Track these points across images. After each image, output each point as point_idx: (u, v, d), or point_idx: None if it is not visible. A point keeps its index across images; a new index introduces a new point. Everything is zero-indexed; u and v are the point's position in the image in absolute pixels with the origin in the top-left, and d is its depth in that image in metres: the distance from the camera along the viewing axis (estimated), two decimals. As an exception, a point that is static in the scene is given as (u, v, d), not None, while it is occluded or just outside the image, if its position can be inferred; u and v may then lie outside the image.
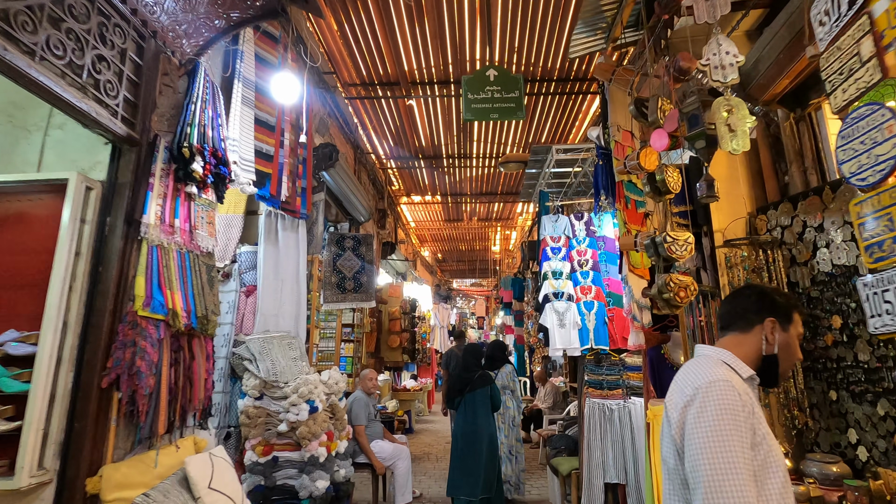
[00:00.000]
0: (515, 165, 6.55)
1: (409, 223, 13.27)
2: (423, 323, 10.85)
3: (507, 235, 16.30)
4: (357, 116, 7.11)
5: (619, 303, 4.05)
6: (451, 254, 18.82)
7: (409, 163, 9.05)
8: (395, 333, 8.36)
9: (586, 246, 4.23)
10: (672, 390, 1.28)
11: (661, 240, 2.04)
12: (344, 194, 5.81)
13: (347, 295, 6.16)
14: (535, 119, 7.18)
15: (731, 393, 1.13)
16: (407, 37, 5.58)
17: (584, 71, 6.13)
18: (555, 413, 6.74)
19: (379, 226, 8.47)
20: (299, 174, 4.20)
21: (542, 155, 5.13)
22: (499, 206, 12.18)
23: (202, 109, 2.55)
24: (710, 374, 1.19)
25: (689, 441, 1.13)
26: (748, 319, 1.32)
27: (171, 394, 2.25)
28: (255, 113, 3.41)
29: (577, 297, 4.08)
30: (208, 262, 2.62)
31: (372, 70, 6.18)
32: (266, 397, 3.63)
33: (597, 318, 3.97)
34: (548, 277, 4.13)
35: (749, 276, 2.70)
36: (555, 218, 4.36)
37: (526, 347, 10.25)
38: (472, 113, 3.71)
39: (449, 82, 6.39)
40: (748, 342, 1.31)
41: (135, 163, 2.32)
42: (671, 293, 2.00)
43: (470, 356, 4.42)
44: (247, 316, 3.95)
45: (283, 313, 4.13)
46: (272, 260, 4.13)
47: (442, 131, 7.76)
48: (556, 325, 3.96)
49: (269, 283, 4.05)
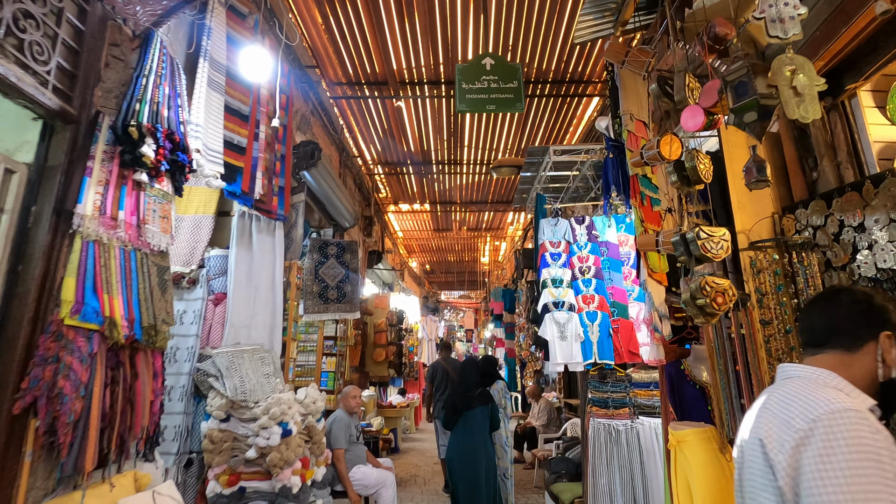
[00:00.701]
0: (508, 170, 6.27)
1: (396, 233, 12.92)
2: (411, 336, 10.44)
3: (496, 246, 16.02)
4: (343, 118, 6.79)
5: (624, 313, 3.74)
6: (439, 265, 18.47)
7: (397, 168, 8.73)
8: (381, 346, 7.95)
9: (588, 252, 3.93)
10: (765, 424, 0.94)
11: (694, 236, 1.73)
12: (327, 197, 5.45)
13: (330, 305, 5.77)
14: (529, 123, 6.93)
15: (867, 427, 0.81)
16: (396, 32, 5.30)
17: (580, 73, 5.91)
18: (549, 431, 6.37)
19: (365, 233, 8.11)
20: (276, 171, 3.85)
21: (537, 157, 4.84)
22: (489, 215, 11.91)
23: (156, 85, 2.19)
24: (829, 401, 0.86)
25: (812, 494, 0.80)
26: (856, 335, 1.00)
27: (106, 420, 1.85)
28: (226, 99, 3.07)
29: (579, 307, 3.76)
30: (160, 263, 2.24)
31: (359, 68, 5.87)
32: (233, 419, 3.22)
33: (600, 329, 3.65)
34: (547, 286, 3.81)
35: (780, 281, 2.40)
36: (554, 221, 4.05)
37: (517, 361, 9.89)
38: (467, 104, 3.41)
39: (440, 83, 6.11)
40: (857, 363, 0.98)
41: (70, 143, 1.95)
42: (707, 299, 1.68)
43: (471, 372, 4.06)
44: (214, 327, 3.54)
45: (256, 324, 3.74)
46: (245, 265, 3.75)
47: (432, 135, 7.47)
48: (556, 338, 3.63)
49: (240, 291, 3.66)
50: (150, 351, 2.11)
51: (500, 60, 3.57)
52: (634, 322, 3.72)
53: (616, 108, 2.68)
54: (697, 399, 2.40)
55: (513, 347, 10.24)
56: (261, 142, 3.48)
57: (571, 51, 5.63)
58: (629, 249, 3.97)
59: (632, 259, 3.95)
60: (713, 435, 2.17)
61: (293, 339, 4.11)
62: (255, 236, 3.85)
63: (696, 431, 2.16)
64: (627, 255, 3.94)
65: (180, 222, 3.83)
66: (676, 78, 1.87)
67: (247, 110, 3.29)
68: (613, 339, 3.65)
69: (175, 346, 3.44)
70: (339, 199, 5.78)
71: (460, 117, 6.89)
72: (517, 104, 3.51)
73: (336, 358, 5.84)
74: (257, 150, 3.43)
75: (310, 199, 5.35)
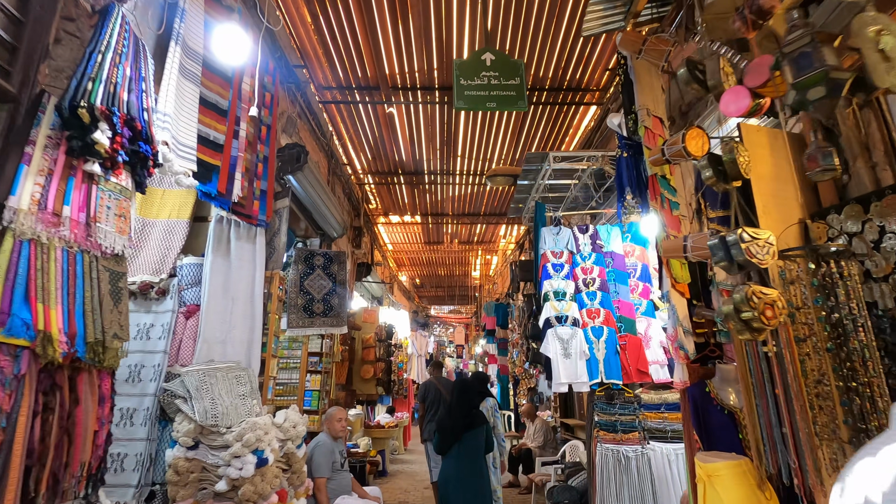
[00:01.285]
0: (503, 179, 6.05)
1: (386, 245, 12.63)
2: (400, 352, 10.08)
3: (487, 260, 15.79)
4: (332, 123, 6.55)
5: (632, 329, 3.49)
6: (429, 279, 18.17)
7: (388, 178, 8.48)
8: (369, 363, 7.60)
9: (592, 263, 3.69)
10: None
11: (737, 239, 1.49)
12: (314, 205, 5.17)
13: (315, 319, 5.45)
14: (525, 131, 6.75)
15: None
16: (389, 34, 5.09)
17: (578, 80, 5.75)
18: (546, 453, 6.05)
19: (354, 245, 7.81)
20: (258, 174, 3.57)
21: (536, 164, 4.63)
22: (481, 228, 11.68)
23: (115, 64, 1.91)
24: None
25: None
26: None
27: (34, 457, 1.53)
28: (202, 91, 2.79)
29: (584, 321, 3.50)
30: (114, 268, 1.93)
31: (350, 71, 5.65)
32: (202, 446, 2.87)
33: (607, 346, 3.38)
34: (549, 299, 3.55)
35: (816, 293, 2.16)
36: (556, 230, 3.81)
37: (510, 378, 9.57)
38: (466, 101, 3.18)
39: (433, 88, 5.91)
40: None
41: (5, 124, 1.66)
42: (754, 311, 1.43)
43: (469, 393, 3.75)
44: (185, 342, 3.21)
45: (233, 339, 3.41)
46: (221, 274, 3.43)
47: (424, 144, 7.25)
48: (559, 355, 3.35)
49: (215, 303, 3.34)
50: (96, 371, 1.79)
51: (501, 56, 3.35)
52: (643, 338, 3.47)
53: (630, 104, 2.46)
54: (726, 426, 2.13)
55: (505, 364, 9.93)
56: (241, 140, 3.20)
57: (569, 57, 5.48)
58: (635, 260, 3.74)
59: (638, 271, 3.71)
60: (749, 468, 1.90)
61: (273, 355, 3.78)
62: (234, 243, 3.55)
63: (730, 465, 1.89)
64: (634, 266, 3.71)
65: (151, 227, 3.52)
66: (709, 62, 1.65)
67: (225, 105, 3.01)
68: (621, 357, 3.39)
69: (140, 364, 3.11)
70: (327, 206, 5.49)
71: (454, 126, 6.69)
72: (519, 102, 3.29)
73: (321, 375, 5.49)
74: (237, 149, 3.15)
75: (295, 206, 5.07)
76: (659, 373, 3.37)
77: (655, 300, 3.59)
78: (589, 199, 4.81)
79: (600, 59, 5.29)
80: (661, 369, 3.38)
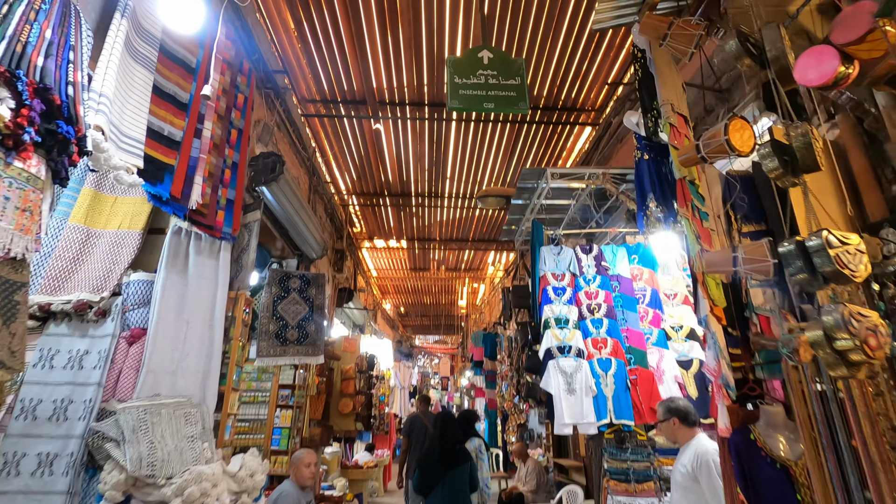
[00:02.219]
0: (495, 201, 5.74)
1: (370, 271, 12.17)
2: (382, 384, 9.50)
3: (475, 289, 15.38)
4: (315, 139, 6.21)
5: (643, 361, 3.10)
6: (414, 307, 17.64)
7: (374, 200, 8.13)
8: (349, 396, 7.04)
9: (597, 286, 3.32)
10: None
11: (823, 244, 1.13)
12: (291, 222, 4.76)
13: (289, 348, 4.95)
14: (517, 153, 6.50)
15: None
16: (377, 44, 4.83)
17: (573, 99, 5.55)
18: (540, 498, 5.52)
19: (335, 268, 7.37)
20: (225, 181, 3.17)
21: (532, 181, 4.31)
22: (469, 254, 11.33)
23: (27, 19, 1.53)
24: None
25: None
26: None
27: None
28: (156, 79, 2.42)
29: (589, 352, 3.10)
30: (9, 277, 1.50)
31: (335, 84, 5.35)
32: (135, 501, 2.36)
33: (616, 381, 2.98)
34: (550, 326, 3.15)
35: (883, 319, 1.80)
36: (557, 250, 3.46)
37: (499, 413, 9.03)
38: (461, 101, 2.85)
39: (423, 104, 5.64)
40: None
41: None
42: (855, 340, 1.06)
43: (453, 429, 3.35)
44: (126, 373, 2.73)
45: (185, 369, 2.93)
46: (176, 293, 2.98)
47: (412, 164, 6.94)
48: (562, 391, 2.94)
49: (166, 327, 2.87)
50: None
51: (500, 54, 3.06)
52: (655, 372, 3.08)
53: (650, 100, 2.16)
54: (779, 483, 1.73)
55: (494, 398, 9.39)
56: (204, 141, 2.82)
57: (565, 75, 5.28)
58: (644, 285, 3.38)
59: (647, 296, 3.35)
60: (819, 542, 1.49)
61: (235, 388, 3.29)
62: (193, 258, 3.11)
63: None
64: (642, 291, 3.35)
65: (97, 239, 3.07)
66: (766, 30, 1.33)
67: (185, 98, 2.64)
68: (632, 393, 2.99)
69: (68, 399, 2.61)
70: (306, 225, 5.09)
71: (443, 145, 6.42)
72: (521, 104, 2.98)
73: (292, 411, 4.94)
74: (198, 150, 2.76)
75: (270, 222, 4.65)
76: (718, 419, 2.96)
77: (667, 329, 3.23)
78: (588, 220, 4.50)
79: (597, 77, 5.10)
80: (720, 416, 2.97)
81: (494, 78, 2.93)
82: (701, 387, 3.05)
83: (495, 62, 2.97)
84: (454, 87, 2.88)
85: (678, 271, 3.42)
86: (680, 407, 2.44)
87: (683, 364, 3.11)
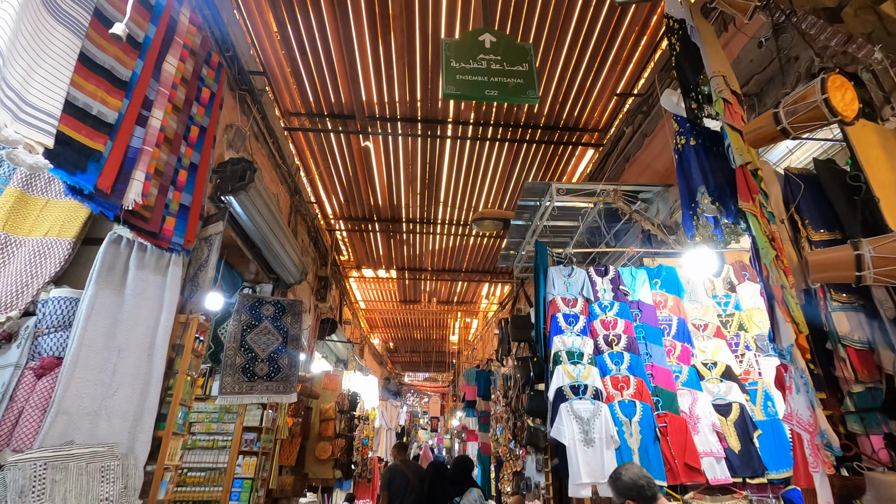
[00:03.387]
0: (492, 224, 5.30)
1: (357, 302, 11.58)
2: (366, 425, 8.75)
3: (467, 324, 14.76)
4: (300, 156, 5.80)
5: (672, 405, 2.57)
6: (404, 342, 16.91)
7: (363, 225, 7.67)
8: (327, 440, 6.33)
9: (615, 314, 2.82)
10: None
11: None
12: (266, 241, 4.26)
13: (257, 384, 4.36)
14: (514, 176, 6.12)
15: None
16: (367, 52, 4.49)
17: (575, 118, 5.22)
18: (541, 563, 4.80)
19: (318, 297, 6.81)
20: (179, 183, 2.70)
21: (535, 199, 3.89)
22: (462, 286, 10.81)
23: None
24: None
25: None
26: None
27: None
28: (85, 46, 1.98)
29: (608, 393, 2.57)
30: None
31: (321, 95, 4.98)
32: None
33: (642, 429, 2.45)
34: (561, 361, 2.63)
35: None
36: (567, 271, 2.97)
37: (493, 459, 8.28)
38: (458, 87, 2.42)
39: (416, 120, 5.28)
40: None
41: None
42: None
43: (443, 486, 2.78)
44: (28, 414, 2.16)
45: (112, 410, 2.36)
46: (107, 315, 2.45)
47: (403, 186, 6.53)
48: (578, 442, 2.39)
49: (90, 356, 2.33)
50: None
51: (504, 38, 2.67)
52: (688, 418, 2.55)
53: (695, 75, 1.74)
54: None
55: (487, 442, 8.65)
56: (151, 131, 2.36)
57: (567, 94, 4.97)
58: (669, 313, 2.90)
59: (673, 327, 2.86)
60: None
61: (177, 432, 2.69)
62: (134, 273, 2.59)
63: None
64: (668, 320, 2.86)
65: (17, 247, 2.55)
66: None
67: (126, 75, 2.19)
68: (662, 445, 2.44)
69: (-55, 448, 2.02)
70: (283, 245, 4.58)
71: (437, 165, 6.03)
72: (529, 92, 2.56)
73: (257, 458, 4.28)
74: (141, 140, 2.29)
75: (241, 240, 4.15)
76: (715, 469, 2.42)
77: (698, 366, 2.72)
78: (596, 245, 4.05)
79: (603, 90, 4.77)
80: (716, 464, 2.43)
81: (498, 63, 2.53)
82: (744, 438, 2.52)
83: (499, 46, 2.58)
84: (451, 71, 2.46)
85: (707, 298, 2.95)
86: (628, 483, 1.90)
87: (720, 409, 2.59)
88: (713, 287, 3.01)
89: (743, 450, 2.51)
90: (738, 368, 2.74)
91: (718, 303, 2.96)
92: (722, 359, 2.75)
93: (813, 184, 1.86)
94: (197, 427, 4.25)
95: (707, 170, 1.78)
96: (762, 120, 1.34)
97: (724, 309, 2.92)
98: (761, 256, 1.36)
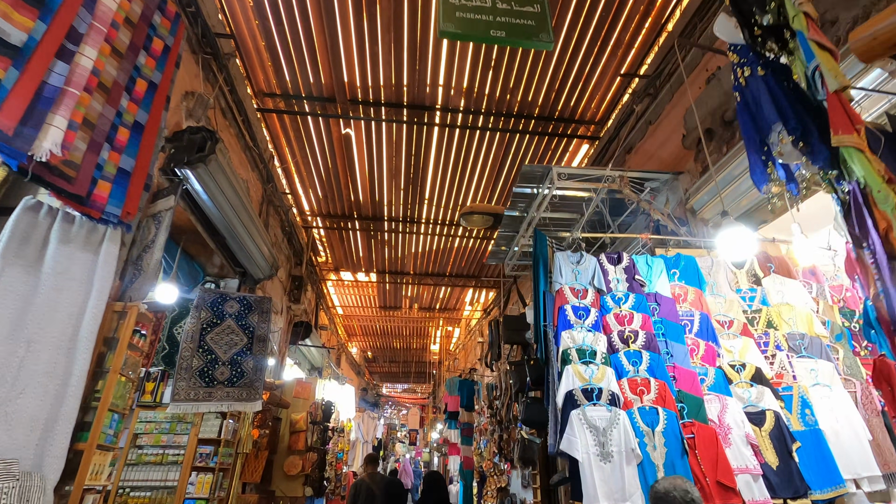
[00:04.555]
0: (481, 220, 4.93)
1: (335, 307, 11.04)
2: (341, 437, 8.20)
3: (449, 332, 14.31)
4: (274, 142, 5.34)
5: (699, 413, 2.21)
6: (383, 352, 16.34)
7: (342, 223, 7.21)
8: (297, 454, 5.79)
9: (630, 307, 2.45)
10: None
11: None
12: (230, 227, 3.79)
13: (216, 390, 3.86)
14: (503, 172, 5.77)
15: None
16: (350, 26, 4.10)
17: (571, 109, 4.92)
18: (531, 591, 4.36)
19: (291, 298, 6.31)
20: (117, 142, 2.24)
21: (532, 185, 3.53)
22: (445, 291, 10.39)
23: None
24: None
25: None
26: None
27: None
28: (-18, -59, 1.53)
29: (626, 398, 2.19)
30: None
31: (299, 74, 4.56)
32: None
33: (667, 441, 2.07)
34: (571, 360, 2.24)
35: None
36: (576, 257, 2.60)
37: (475, 474, 7.81)
38: (457, 24, 2.03)
39: (401, 106, 4.90)
40: None
41: None
42: None
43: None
44: None
45: (14, 415, 1.88)
46: (15, 298, 1.97)
47: (386, 180, 6.12)
48: (593, 456, 2.00)
49: (-12, 347, 1.84)
50: None
51: (512, -25, 2.31)
52: (718, 428, 2.18)
53: None
54: None
55: (471, 456, 8.19)
56: (79, 70, 1.91)
57: (564, 81, 4.66)
58: (690, 308, 2.54)
59: (695, 323, 2.50)
60: None
61: (103, 445, 2.20)
62: (55, 248, 2.11)
63: None
64: (689, 315, 2.50)
65: None
66: None
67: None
68: (690, 460, 2.07)
69: None
70: (252, 235, 4.12)
71: (423, 157, 5.65)
72: (542, 35, 2.18)
73: (213, 475, 3.76)
74: (63, 79, 1.84)
75: (202, 226, 3.67)
76: (753, 489, 2.05)
77: (725, 367, 2.36)
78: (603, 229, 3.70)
79: (601, 80, 4.48)
80: (753, 482, 2.06)
81: (505, 1, 2.17)
82: (781, 451, 2.17)
83: (506, -17, 2.22)
84: (448, 6, 2.08)
85: (731, 291, 2.61)
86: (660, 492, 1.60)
87: (753, 418, 2.23)
88: (736, 280, 2.67)
89: (781, 465, 2.15)
90: (770, 371, 2.39)
91: (743, 297, 2.62)
92: (751, 360, 2.40)
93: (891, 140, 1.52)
94: (144, 439, 3.72)
95: (784, 103, 1.43)
96: (880, 20, 0.99)
97: (749, 304, 2.59)
98: (877, 203, 1.01)
